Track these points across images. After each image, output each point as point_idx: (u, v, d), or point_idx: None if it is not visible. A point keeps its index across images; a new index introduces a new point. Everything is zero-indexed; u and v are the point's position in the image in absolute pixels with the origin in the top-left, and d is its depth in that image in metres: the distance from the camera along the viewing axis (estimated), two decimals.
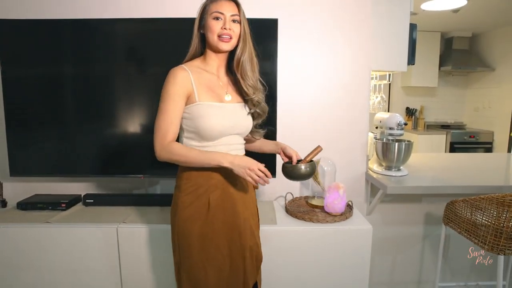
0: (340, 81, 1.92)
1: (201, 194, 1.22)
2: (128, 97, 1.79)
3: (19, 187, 2.00)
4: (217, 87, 1.25)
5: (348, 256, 1.60)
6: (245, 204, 1.29)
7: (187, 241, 1.22)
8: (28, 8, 1.84)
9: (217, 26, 1.18)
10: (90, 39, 1.76)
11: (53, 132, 1.83)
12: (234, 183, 1.26)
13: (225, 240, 1.24)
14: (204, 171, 1.22)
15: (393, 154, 1.88)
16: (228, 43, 1.20)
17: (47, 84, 1.80)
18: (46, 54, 1.78)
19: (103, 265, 1.61)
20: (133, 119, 1.80)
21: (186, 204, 1.22)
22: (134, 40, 1.78)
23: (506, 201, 1.37)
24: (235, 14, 1.20)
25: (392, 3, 1.94)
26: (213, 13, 1.19)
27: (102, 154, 1.86)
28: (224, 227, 1.23)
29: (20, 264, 1.62)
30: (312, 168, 1.35)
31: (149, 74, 1.78)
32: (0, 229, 1.60)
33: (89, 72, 1.79)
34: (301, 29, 1.87)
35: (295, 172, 1.33)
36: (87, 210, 1.81)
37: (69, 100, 1.82)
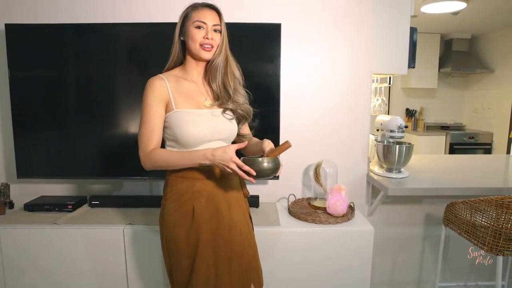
0: (341, 84, 1.96)
1: (185, 201, 1.22)
2: (130, 99, 1.82)
3: (24, 189, 2.03)
4: (196, 94, 1.26)
5: (350, 256, 1.63)
6: (232, 212, 1.26)
7: (176, 246, 1.23)
8: (34, 13, 1.87)
9: (199, 35, 1.19)
10: (94, 43, 1.80)
11: (59, 135, 1.86)
12: (219, 191, 1.25)
13: (210, 249, 1.22)
14: (187, 178, 1.23)
15: (394, 156, 1.91)
16: (209, 52, 1.21)
17: (52, 87, 1.83)
18: (52, 57, 1.81)
19: (109, 266, 1.64)
20: (136, 122, 1.83)
21: (171, 211, 1.24)
22: (136, 43, 1.81)
23: (504, 203, 1.40)
24: (217, 24, 1.21)
25: (392, 7, 1.97)
26: (195, 22, 1.20)
27: (107, 157, 1.89)
28: (209, 236, 1.22)
29: (27, 265, 1.65)
30: (275, 164, 1.15)
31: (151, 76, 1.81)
32: (9, 230, 1.63)
33: (92, 75, 1.82)
34: (303, 33, 1.90)
35: (254, 167, 1.11)
36: (93, 211, 1.84)
37: (74, 104, 1.86)
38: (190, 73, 1.28)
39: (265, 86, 1.80)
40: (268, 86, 1.81)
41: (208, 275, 1.21)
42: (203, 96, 1.26)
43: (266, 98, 1.79)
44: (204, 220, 1.21)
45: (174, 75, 1.27)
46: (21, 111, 1.84)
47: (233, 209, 1.27)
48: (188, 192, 1.23)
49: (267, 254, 1.60)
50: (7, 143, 1.98)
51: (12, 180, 1.98)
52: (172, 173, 1.26)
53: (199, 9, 1.21)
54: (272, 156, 1.16)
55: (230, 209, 1.26)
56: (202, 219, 1.21)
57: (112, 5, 1.87)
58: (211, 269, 1.21)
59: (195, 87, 1.27)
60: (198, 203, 1.22)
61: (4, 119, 1.96)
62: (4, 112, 1.95)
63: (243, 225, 1.29)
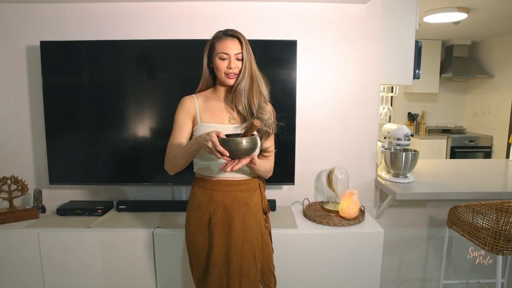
0: (351, 95, 2.09)
1: (204, 211, 1.36)
2: (157, 111, 1.96)
3: (53, 194, 2.16)
4: (221, 112, 1.38)
5: (362, 256, 1.77)
6: (246, 225, 1.35)
7: (194, 249, 1.38)
8: (64, 32, 2.02)
9: (223, 66, 1.32)
10: (121, 56, 1.93)
11: (87, 143, 1.99)
12: (236, 204, 1.35)
13: (224, 259, 1.33)
14: (206, 190, 1.37)
15: (401, 162, 2.05)
16: (233, 79, 1.33)
17: (82, 98, 1.97)
18: (81, 70, 1.95)
19: (139, 266, 1.77)
20: (162, 132, 1.96)
21: (191, 219, 1.39)
22: (162, 57, 1.95)
23: (504, 207, 1.54)
24: (239, 52, 1.31)
25: (398, 23, 2.09)
26: (219, 54, 1.31)
27: (133, 164, 2.02)
28: (223, 246, 1.34)
29: (63, 266, 1.77)
30: (253, 143, 1.13)
31: (180, 89, 1.94)
32: (47, 233, 1.76)
33: (118, 86, 1.96)
34: (317, 48, 2.04)
35: (232, 145, 1.10)
36: (120, 215, 1.97)
37: (102, 113, 1.98)
38: (219, 94, 1.41)
39: (283, 98, 1.92)
40: (286, 98, 1.93)
41: (221, 283, 1.34)
42: (228, 114, 1.38)
43: (284, 109, 1.91)
44: (218, 230, 1.34)
45: (204, 95, 1.42)
46: (53, 120, 1.97)
47: (248, 222, 1.36)
48: (206, 202, 1.36)
49: (286, 254, 1.73)
50: (38, 151, 2.11)
51: (43, 186, 2.12)
52: (195, 184, 1.41)
53: (222, 40, 1.32)
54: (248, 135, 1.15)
55: (245, 222, 1.35)
56: (216, 229, 1.34)
57: (132, 23, 2.02)
58: (224, 278, 1.34)
59: (222, 105, 1.40)
60: (214, 214, 1.35)
61: (34, 129, 2.10)
62: (34, 123, 2.09)
63: (256, 238, 1.37)
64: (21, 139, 2.11)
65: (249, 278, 1.35)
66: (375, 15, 2.03)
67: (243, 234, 1.35)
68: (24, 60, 2.04)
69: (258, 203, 1.43)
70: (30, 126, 2.10)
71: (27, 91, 2.07)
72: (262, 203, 1.46)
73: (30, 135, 2.11)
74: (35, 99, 2.06)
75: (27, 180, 2.06)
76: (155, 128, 1.97)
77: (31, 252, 1.76)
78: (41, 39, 1.93)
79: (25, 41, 2.02)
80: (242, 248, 1.34)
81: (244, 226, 1.35)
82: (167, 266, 1.77)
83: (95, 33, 2.01)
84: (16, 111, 2.08)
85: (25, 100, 2.08)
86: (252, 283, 1.35)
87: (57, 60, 1.93)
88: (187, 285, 1.78)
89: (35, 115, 2.08)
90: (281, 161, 1.66)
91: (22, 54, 2.03)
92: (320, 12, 2.01)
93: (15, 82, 2.06)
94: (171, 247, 1.75)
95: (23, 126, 2.10)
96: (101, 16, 2.00)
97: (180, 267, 1.77)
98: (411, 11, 2.08)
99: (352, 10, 2.02)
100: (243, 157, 1.15)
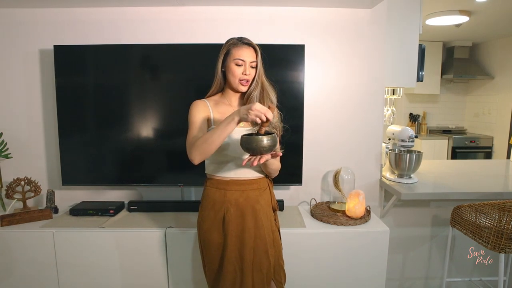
0: (357, 98, 2.14)
1: (218, 210, 1.41)
2: (169, 111, 2.01)
3: (65, 194, 2.21)
4: None
5: (368, 254, 1.82)
6: (258, 222, 1.41)
7: (209, 248, 1.43)
8: (76, 36, 2.07)
9: (238, 71, 1.37)
10: (135, 59, 1.99)
11: (99, 145, 2.04)
12: (248, 202, 1.41)
13: (237, 254, 1.39)
14: (219, 189, 1.42)
15: (405, 163, 2.10)
16: (246, 86, 1.40)
17: (93, 101, 2.02)
18: (93, 72, 2.00)
19: (152, 266, 1.82)
20: (173, 134, 2.01)
21: (205, 218, 1.44)
22: (171, 61, 2.00)
23: (506, 206, 1.59)
24: (254, 61, 1.37)
25: (403, 27, 2.14)
26: (235, 59, 1.36)
27: (144, 165, 2.07)
28: (236, 242, 1.39)
29: (77, 264, 1.82)
30: (273, 140, 1.21)
31: (190, 91, 1.99)
32: (61, 233, 1.81)
33: (128, 89, 2.00)
34: (324, 53, 2.10)
35: (253, 144, 1.18)
36: (131, 215, 2.02)
37: (114, 116, 2.03)
38: (228, 99, 1.46)
39: (291, 100, 1.98)
40: (294, 101, 1.99)
41: (235, 278, 1.39)
42: None
43: (292, 111, 1.96)
44: (232, 228, 1.39)
45: (214, 100, 1.47)
46: (65, 122, 2.02)
47: (260, 219, 1.42)
48: (220, 201, 1.42)
49: (295, 253, 1.78)
50: (50, 153, 2.16)
51: (55, 186, 2.17)
52: (208, 185, 1.46)
53: (238, 47, 1.37)
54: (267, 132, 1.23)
55: (257, 219, 1.41)
56: (230, 226, 1.39)
57: (139, 28, 2.07)
58: (238, 273, 1.39)
59: (232, 110, 1.44)
60: (228, 212, 1.40)
61: (47, 131, 2.15)
62: (46, 125, 2.14)
63: (268, 234, 1.43)
64: (34, 141, 2.16)
65: (262, 272, 1.40)
66: (380, 19, 2.08)
67: (256, 230, 1.41)
68: (37, 63, 2.09)
69: (268, 201, 1.50)
70: (43, 128, 2.15)
71: (40, 94, 2.12)
72: (272, 201, 1.53)
73: (43, 137, 2.16)
74: (48, 102, 2.11)
75: (40, 181, 2.11)
76: (164, 130, 2.02)
77: (46, 251, 1.81)
78: (54, 43, 1.97)
79: (38, 45, 2.07)
80: (255, 244, 1.40)
81: (256, 223, 1.41)
82: (179, 265, 1.82)
83: (104, 37, 2.06)
84: (29, 114, 2.14)
85: (38, 103, 2.13)
86: (265, 277, 1.41)
87: (69, 64, 1.98)
88: (199, 283, 1.83)
89: (48, 117, 2.13)
90: (288, 162, 1.72)
91: (35, 57, 2.08)
92: (327, 17, 2.07)
93: (28, 85, 2.11)
94: (183, 246, 1.80)
95: (36, 128, 2.15)
96: (109, 21, 2.05)
97: (192, 265, 1.82)
98: (414, 15, 2.14)
99: (357, 15, 2.07)
100: (265, 153, 1.22)
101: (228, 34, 1.45)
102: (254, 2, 1.98)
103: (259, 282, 1.40)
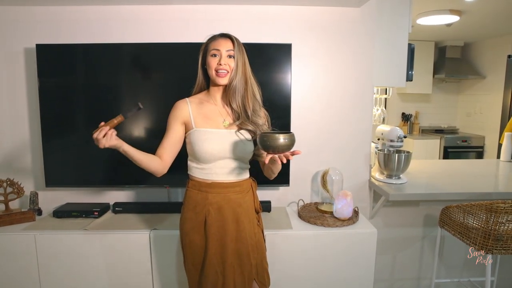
0: (346, 97, 2.12)
1: (199, 212, 1.38)
2: (154, 112, 1.97)
3: (49, 196, 2.17)
4: (215, 115, 1.40)
5: (355, 256, 1.80)
6: (240, 225, 1.39)
7: (190, 250, 1.41)
8: (60, 34, 2.03)
9: (214, 62, 1.34)
10: (119, 58, 1.95)
11: (83, 145, 2.00)
12: (230, 204, 1.38)
13: (219, 257, 1.36)
14: (201, 191, 1.39)
15: (394, 163, 2.08)
16: (224, 78, 1.34)
17: (76, 101, 1.98)
18: (76, 72, 1.96)
19: (136, 268, 1.79)
20: (157, 136, 1.98)
21: (187, 219, 1.42)
22: (156, 60, 1.96)
23: (493, 207, 1.57)
24: (230, 49, 1.33)
25: (392, 26, 2.11)
26: (211, 51, 1.34)
27: (129, 166, 2.02)
28: (217, 245, 1.37)
29: (60, 268, 1.78)
30: (291, 140, 1.23)
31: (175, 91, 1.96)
32: (43, 236, 1.77)
33: (112, 89, 1.97)
34: (312, 52, 2.07)
35: (270, 142, 1.21)
36: (117, 217, 1.98)
37: (96, 116, 1.98)
38: (213, 97, 1.43)
39: (278, 100, 1.95)
40: (281, 100, 1.96)
41: (216, 281, 1.37)
42: (222, 117, 1.40)
43: (279, 111, 1.94)
44: (213, 231, 1.37)
45: (199, 98, 1.44)
46: (49, 123, 1.98)
47: (242, 222, 1.39)
48: (201, 204, 1.39)
49: (281, 254, 1.76)
50: (35, 153, 2.12)
51: (40, 188, 2.13)
52: (190, 187, 1.43)
53: (215, 40, 1.36)
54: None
55: (238, 222, 1.39)
56: (211, 229, 1.37)
57: (127, 26, 2.03)
58: (219, 276, 1.37)
59: (216, 109, 1.41)
60: (209, 215, 1.38)
61: (32, 131, 2.10)
62: (32, 125, 2.10)
63: (250, 237, 1.41)
64: (18, 141, 2.11)
65: (243, 275, 1.38)
66: (369, 18, 2.06)
67: (237, 233, 1.39)
68: (22, 62, 2.05)
69: (251, 203, 1.48)
70: (28, 129, 2.11)
71: (25, 93, 2.07)
72: (255, 203, 1.50)
73: (28, 137, 2.11)
74: (33, 102, 2.07)
75: (24, 183, 2.06)
76: (151, 130, 1.98)
77: (28, 255, 1.77)
78: (38, 41, 1.93)
79: (22, 43, 2.02)
80: (236, 247, 1.38)
81: (238, 226, 1.39)
82: (164, 267, 1.79)
83: (91, 35, 2.02)
84: (13, 114, 2.09)
85: (23, 103, 2.08)
86: (247, 280, 1.39)
87: (53, 63, 1.94)
88: (184, 285, 1.79)
89: (33, 118, 2.09)
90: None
91: (20, 56, 2.04)
92: (315, 16, 2.04)
93: (13, 85, 2.06)
94: (168, 248, 1.77)
95: (20, 128, 2.10)
96: (96, 19, 2.01)
97: (177, 267, 1.79)
98: (404, 15, 2.12)
99: (346, 14, 2.05)
100: (283, 151, 1.22)
101: (215, 32, 1.43)
102: (242, 1, 1.96)
103: (240, 285, 1.38)
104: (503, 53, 4.21)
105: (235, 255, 1.38)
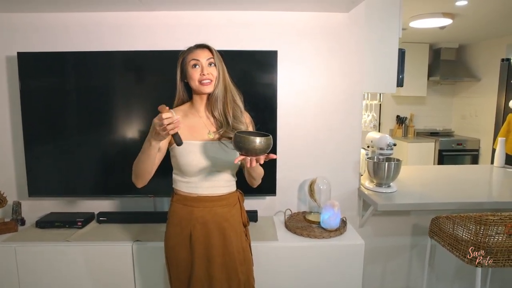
0: (334, 104, 2.08)
1: (184, 226, 1.35)
2: (138, 122, 1.93)
3: (33, 205, 2.12)
4: (200, 127, 1.36)
5: (343, 268, 1.76)
6: (227, 239, 1.35)
7: (176, 263, 1.37)
8: (44, 42, 1.99)
9: (196, 74, 1.30)
10: (102, 67, 1.91)
11: (67, 155, 1.97)
12: (216, 219, 1.35)
13: (206, 273, 1.34)
14: (187, 206, 1.35)
15: (384, 172, 2.04)
16: (209, 86, 1.31)
17: (59, 110, 1.94)
18: (58, 81, 1.92)
19: (118, 280, 1.75)
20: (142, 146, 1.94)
21: (171, 235, 1.38)
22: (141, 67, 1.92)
23: (482, 220, 1.54)
24: (210, 57, 1.31)
25: (382, 31, 2.07)
26: (190, 62, 1.30)
27: (114, 176, 2.00)
28: (204, 261, 1.34)
29: (41, 281, 1.74)
30: (267, 144, 1.14)
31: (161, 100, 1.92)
32: (24, 248, 1.73)
33: (97, 97, 1.93)
34: (299, 58, 2.03)
35: (246, 144, 1.12)
36: (101, 227, 1.95)
37: (81, 126, 1.96)
38: (197, 108, 1.39)
39: (263, 107, 1.92)
40: (266, 108, 1.92)
41: None
42: (206, 129, 1.37)
43: (264, 118, 1.91)
44: (198, 245, 1.34)
45: (182, 110, 1.39)
46: (31, 132, 1.94)
47: (228, 236, 1.36)
48: (186, 218, 1.35)
49: (266, 267, 1.72)
50: (19, 162, 2.08)
51: (23, 197, 2.08)
52: (174, 201, 1.39)
53: (192, 51, 1.33)
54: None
55: (225, 236, 1.36)
56: (197, 244, 1.34)
57: (106, 34, 2.00)
58: None
59: (200, 120, 1.38)
60: (194, 229, 1.34)
61: (15, 140, 2.06)
62: (14, 134, 2.06)
63: (238, 251, 1.38)
64: (0, 150, 2.07)
65: None
66: (357, 23, 2.02)
67: (224, 248, 1.35)
68: (4, 70, 2.00)
69: (238, 217, 1.44)
70: (11, 136, 2.07)
71: (7, 101, 2.03)
72: (242, 216, 1.46)
73: (11, 146, 2.07)
74: (16, 110, 2.02)
75: (7, 192, 2.02)
76: (135, 140, 1.94)
77: (8, 267, 1.73)
78: (21, 49, 1.89)
79: (4, 51, 1.98)
80: (223, 262, 1.35)
81: (225, 240, 1.36)
82: (147, 280, 1.75)
83: (71, 43, 1.98)
84: None
85: (5, 111, 2.04)
86: None
87: (34, 71, 1.90)
88: None
89: (16, 126, 2.05)
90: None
91: (2, 64, 2.00)
92: (302, 21, 2.00)
93: None
94: (151, 260, 1.74)
95: (2, 136, 2.07)
96: (80, 26, 1.97)
97: (160, 279, 1.75)
98: (394, 19, 2.08)
99: (334, 19, 2.01)
100: (258, 154, 1.15)
101: (199, 39, 1.39)
102: (229, 7, 1.91)
103: None
104: (497, 55, 4.19)
105: (223, 270, 1.35)
